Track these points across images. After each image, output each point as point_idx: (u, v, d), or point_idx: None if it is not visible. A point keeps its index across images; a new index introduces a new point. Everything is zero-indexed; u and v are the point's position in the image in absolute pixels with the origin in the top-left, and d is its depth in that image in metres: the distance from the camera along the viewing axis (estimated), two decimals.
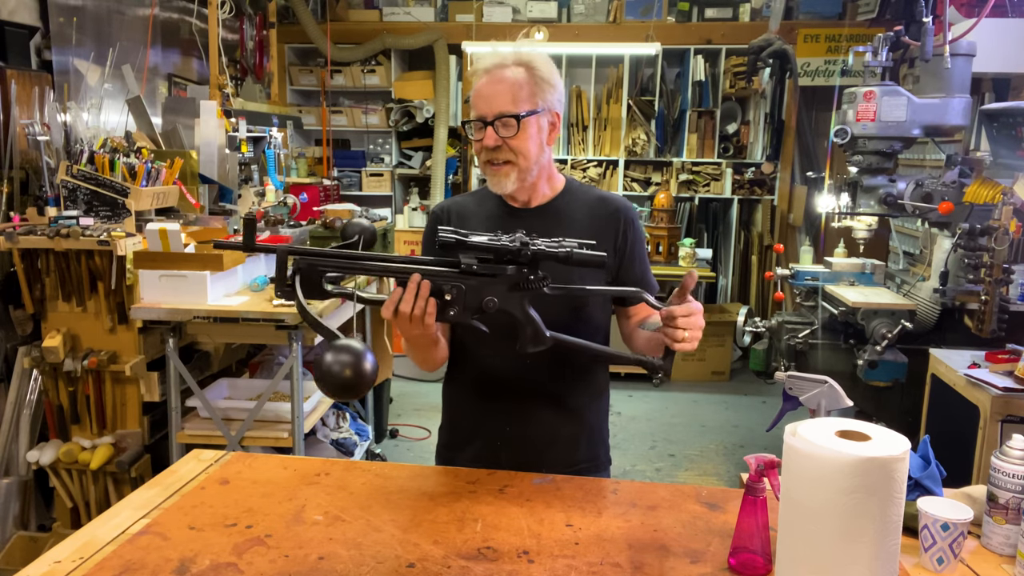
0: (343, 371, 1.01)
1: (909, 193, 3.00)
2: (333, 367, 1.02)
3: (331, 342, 1.04)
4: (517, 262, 1.21)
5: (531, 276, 1.20)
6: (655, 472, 3.86)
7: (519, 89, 1.43)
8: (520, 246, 1.18)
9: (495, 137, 1.43)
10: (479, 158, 1.50)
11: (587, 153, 5.70)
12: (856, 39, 4.93)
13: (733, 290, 5.89)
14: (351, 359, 1.02)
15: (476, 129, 1.46)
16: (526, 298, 1.23)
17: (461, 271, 1.20)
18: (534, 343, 1.25)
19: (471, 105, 1.48)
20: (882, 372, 2.99)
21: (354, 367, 1.01)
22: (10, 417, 2.87)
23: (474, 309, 1.22)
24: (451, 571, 1.12)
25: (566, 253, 1.20)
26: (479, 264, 1.20)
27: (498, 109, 1.43)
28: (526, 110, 1.43)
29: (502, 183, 1.48)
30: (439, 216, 1.60)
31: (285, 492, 1.36)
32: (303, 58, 6.07)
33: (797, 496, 0.99)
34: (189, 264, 2.65)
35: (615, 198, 1.60)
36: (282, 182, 4.15)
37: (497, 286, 1.21)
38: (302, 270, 1.16)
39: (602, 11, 5.61)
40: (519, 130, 1.43)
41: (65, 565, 1.13)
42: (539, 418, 1.53)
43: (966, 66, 2.93)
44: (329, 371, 1.02)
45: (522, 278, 1.20)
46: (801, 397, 1.44)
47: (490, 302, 1.20)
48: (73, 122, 3.01)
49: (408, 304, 1.20)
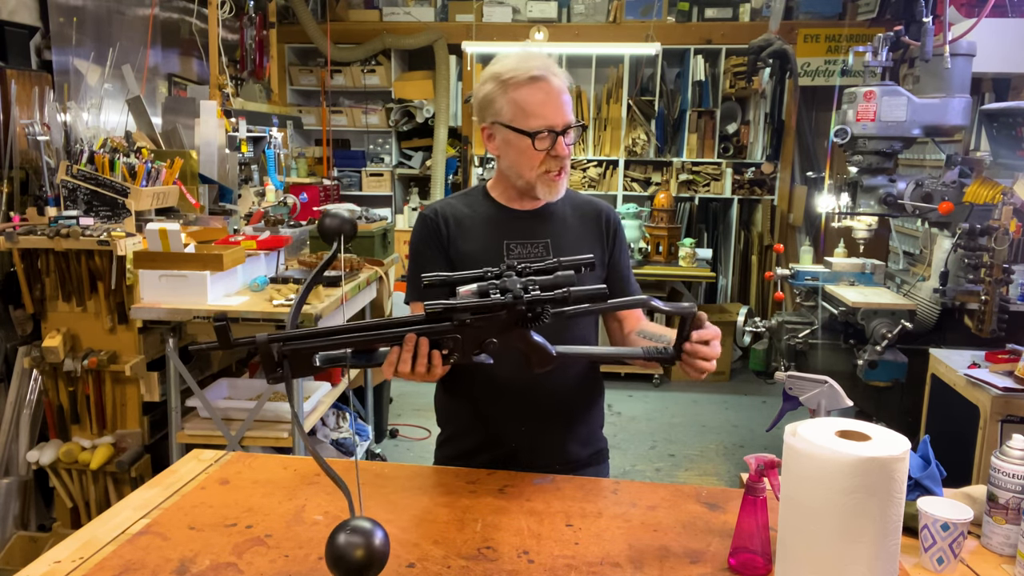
0: (354, 552, 0.96)
1: (909, 193, 3.00)
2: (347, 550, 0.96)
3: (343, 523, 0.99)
4: (515, 309, 1.13)
5: (529, 314, 1.13)
6: (655, 472, 3.86)
7: (568, 96, 1.45)
8: (514, 300, 1.11)
9: (567, 147, 1.44)
10: (535, 170, 1.45)
11: (587, 153, 5.70)
12: (856, 39, 4.93)
13: (733, 290, 5.89)
14: (362, 540, 0.97)
15: (542, 139, 1.42)
16: (530, 330, 1.17)
17: (456, 326, 1.14)
18: (541, 365, 1.21)
19: (529, 115, 1.41)
20: (882, 372, 2.99)
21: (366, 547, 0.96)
22: (10, 417, 2.88)
23: (475, 349, 1.17)
24: (451, 571, 1.12)
25: (564, 295, 1.13)
26: (473, 316, 1.13)
27: (567, 119, 1.43)
28: (581, 121, 1.46)
29: (557, 190, 1.49)
30: (429, 220, 1.55)
31: (285, 492, 1.36)
32: (303, 58, 6.08)
33: (797, 496, 0.99)
34: (189, 264, 2.65)
35: (599, 201, 1.63)
36: (282, 182, 4.15)
37: (495, 328, 1.15)
38: (288, 356, 1.09)
39: (602, 11, 5.61)
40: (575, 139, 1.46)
41: (65, 565, 1.13)
42: (538, 419, 1.53)
43: (966, 66, 2.93)
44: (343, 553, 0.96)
45: (520, 316, 1.14)
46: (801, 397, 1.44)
47: (491, 344, 1.15)
48: (73, 122, 3.01)
49: (407, 364, 1.15)
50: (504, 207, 1.55)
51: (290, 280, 2.83)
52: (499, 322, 1.14)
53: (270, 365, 1.09)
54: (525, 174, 1.47)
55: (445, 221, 1.54)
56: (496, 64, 1.47)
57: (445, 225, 1.53)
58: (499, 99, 1.44)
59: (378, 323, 1.14)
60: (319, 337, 1.10)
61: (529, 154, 1.44)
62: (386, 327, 1.14)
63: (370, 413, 3.83)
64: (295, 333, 1.10)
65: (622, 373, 5.03)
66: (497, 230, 1.53)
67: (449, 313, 1.12)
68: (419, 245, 1.56)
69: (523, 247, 1.52)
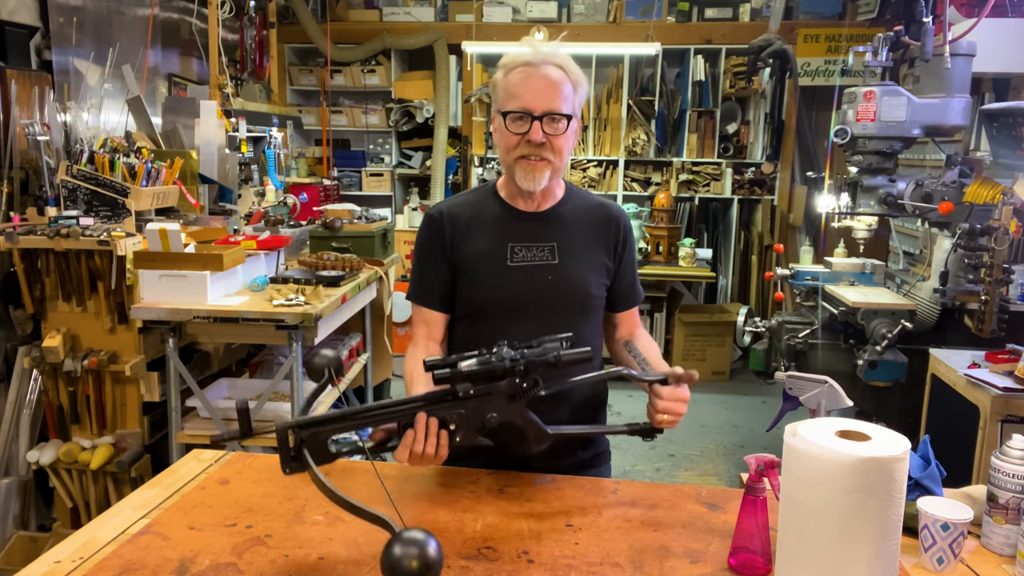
0: (410, 563, 0.97)
1: (909, 193, 3.00)
2: (403, 560, 0.98)
3: (397, 535, 1.00)
4: (511, 376, 1.21)
5: (525, 384, 1.22)
6: (655, 472, 3.86)
7: (563, 85, 1.43)
8: (511, 363, 1.19)
9: (542, 133, 1.42)
10: (511, 152, 1.45)
11: (587, 153, 5.70)
12: (856, 39, 4.93)
13: (733, 290, 5.89)
14: (417, 551, 0.98)
15: (516, 120, 1.42)
16: (525, 405, 1.24)
17: (459, 398, 1.21)
18: (537, 443, 1.28)
19: (510, 96, 1.43)
20: (882, 372, 2.99)
21: (421, 558, 0.98)
22: (10, 417, 2.88)
23: (477, 429, 1.23)
24: (451, 571, 1.12)
25: (555, 358, 1.20)
26: (475, 387, 1.21)
27: (548, 106, 1.41)
28: (569, 111, 1.43)
29: (536, 179, 1.45)
30: (434, 221, 1.55)
31: (285, 492, 1.36)
32: (303, 58, 6.07)
33: (797, 496, 0.99)
34: (189, 264, 2.65)
35: (613, 205, 1.61)
36: (282, 182, 4.15)
37: (495, 401, 1.22)
38: (305, 441, 1.14)
39: (602, 11, 5.61)
40: (565, 130, 1.43)
41: (65, 565, 1.13)
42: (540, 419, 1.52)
43: (966, 66, 2.93)
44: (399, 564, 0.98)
45: (517, 389, 1.22)
46: (801, 397, 1.45)
47: (492, 419, 1.22)
48: (73, 122, 3.01)
49: (420, 444, 1.20)
50: (511, 207, 1.54)
51: (290, 280, 2.83)
52: (498, 395, 1.22)
53: (286, 453, 1.14)
54: (503, 158, 1.48)
55: (451, 222, 1.53)
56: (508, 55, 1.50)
57: (451, 226, 1.53)
58: (497, 85, 1.47)
59: (387, 403, 1.21)
60: (333, 422, 1.16)
61: (505, 136, 1.45)
62: (395, 405, 1.21)
63: None
64: (310, 419, 1.15)
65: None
66: (502, 232, 1.52)
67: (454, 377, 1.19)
68: (422, 246, 1.57)
69: (528, 250, 1.51)
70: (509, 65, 1.46)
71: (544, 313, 1.48)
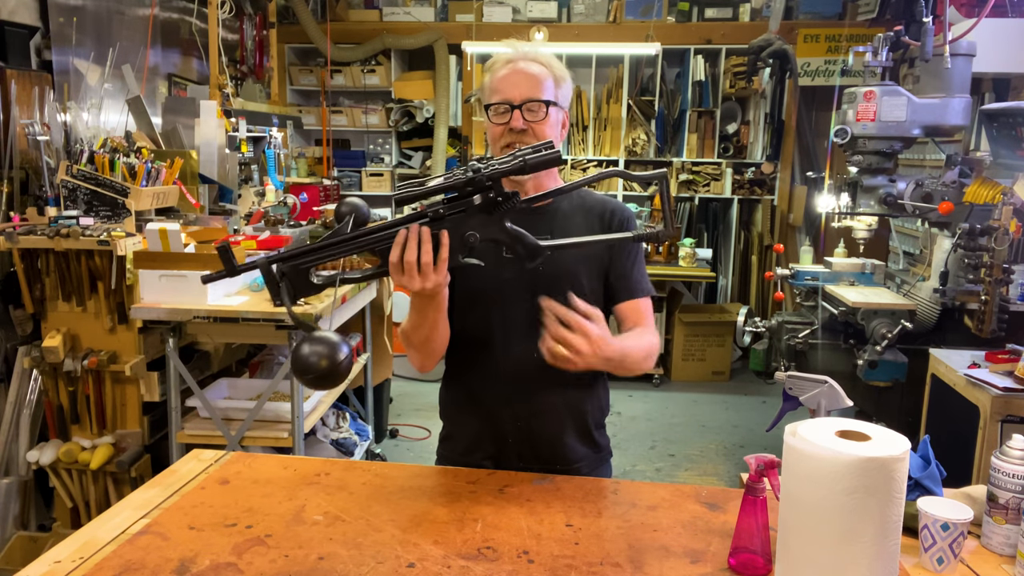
0: (319, 362, 1.03)
1: (909, 193, 3.00)
2: (310, 358, 1.04)
3: (308, 334, 1.06)
4: (480, 189, 1.20)
5: (499, 197, 1.20)
6: (655, 472, 3.86)
7: (544, 79, 1.49)
8: (474, 173, 1.17)
9: (523, 120, 1.46)
10: (497, 143, 1.50)
11: (587, 153, 5.70)
12: (856, 39, 4.93)
13: (733, 290, 5.89)
14: (326, 350, 1.04)
15: (499, 112, 1.48)
16: (505, 218, 1.22)
17: (432, 217, 1.20)
18: (531, 257, 1.25)
19: (492, 91, 1.50)
20: (882, 372, 2.99)
21: (329, 357, 1.03)
22: (10, 417, 2.87)
23: (460, 249, 1.22)
24: (451, 571, 1.12)
25: (520, 163, 1.18)
26: (446, 205, 1.20)
27: (527, 94, 1.46)
28: (550, 99, 1.48)
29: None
30: None
31: (285, 492, 1.36)
32: (303, 58, 6.07)
33: (797, 496, 0.99)
34: (189, 264, 2.65)
35: (610, 200, 1.62)
36: (282, 182, 4.15)
37: (472, 219, 1.21)
38: (287, 274, 1.16)
39: (602, 11, 5.61)
40: (546, 116, 1.47)
41: (65, 565, 1.13)
42: (540, 417, 1.53)
43: (966, 66, 2.93)
44: (306, 361, 1.04)
45: (491, 202, 1.20)
46: (801, 397, 1.44)
47: (471, 236, 1.21)
48: (73, 122, 3.01)
49: (413, 250, 1.19)
50: None
51: None
52: (473, 210, 1.20)
53: (273, 286, 1.15)
54: (492, 151, 1.52)
55: None
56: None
57: None
58: (485, 86, 1.53)
59: (365, 230, 1.20)
60: (313, 252, 1.16)
61: (490, 128, 1.51)
62: (373, 231, 1.20)
63: (370, 413, 3.83)
64: (289, 252, 1.16)
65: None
66: None
67: (421, 195, 1.17)
68: None
69: None
70: (493, 65, 1.54)
71: (537, 303, 1.48)
